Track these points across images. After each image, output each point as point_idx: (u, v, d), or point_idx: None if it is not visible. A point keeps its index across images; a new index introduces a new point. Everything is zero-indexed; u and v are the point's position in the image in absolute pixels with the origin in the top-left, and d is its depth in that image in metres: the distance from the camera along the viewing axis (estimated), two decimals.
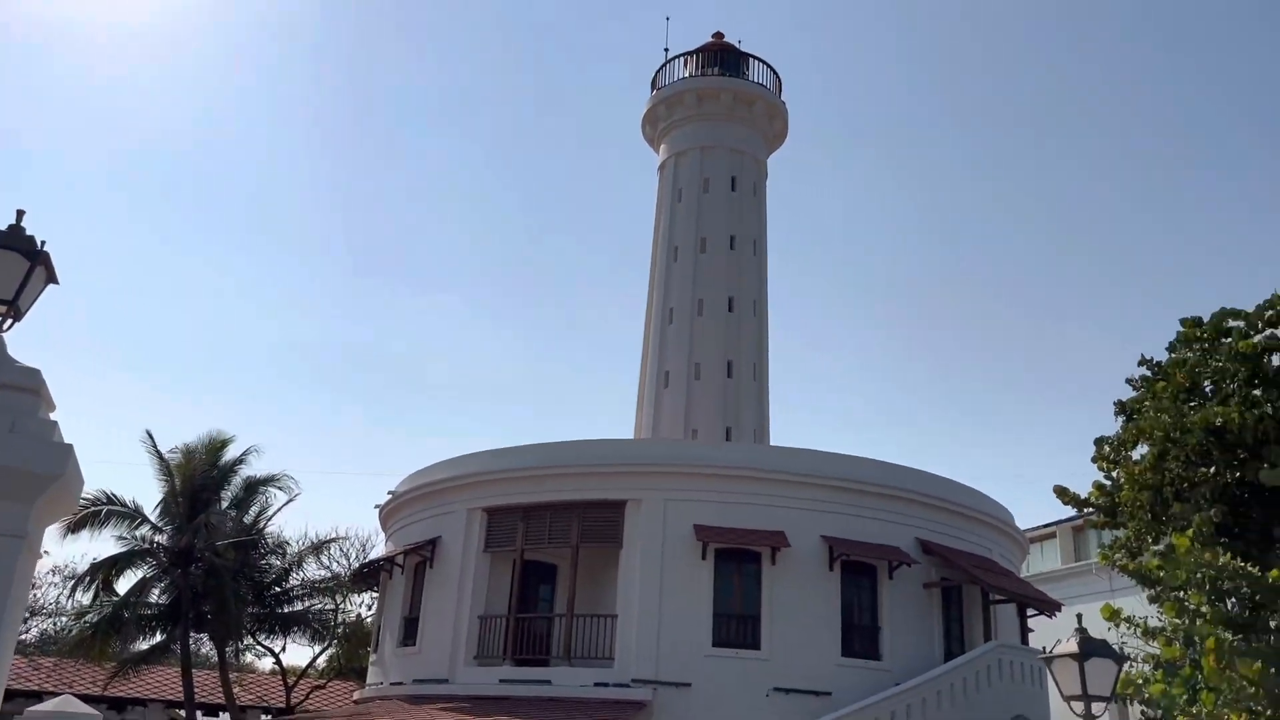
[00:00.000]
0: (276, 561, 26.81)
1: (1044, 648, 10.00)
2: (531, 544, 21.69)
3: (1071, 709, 7.65)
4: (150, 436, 24.23)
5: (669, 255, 30.36)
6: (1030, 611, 23.71)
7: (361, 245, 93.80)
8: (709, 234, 30.07)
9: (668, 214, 31.04)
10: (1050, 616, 23.27)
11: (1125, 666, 13.66)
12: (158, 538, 23.99)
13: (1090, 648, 7.51)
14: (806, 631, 20.08)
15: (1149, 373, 14.40)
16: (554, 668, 20.47)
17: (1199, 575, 12.02)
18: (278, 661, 28.65)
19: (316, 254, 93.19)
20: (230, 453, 25.07)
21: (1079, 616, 8.54)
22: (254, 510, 26.03)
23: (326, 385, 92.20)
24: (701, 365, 28.84)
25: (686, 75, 32.29)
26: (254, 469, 25.65)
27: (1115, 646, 13.96)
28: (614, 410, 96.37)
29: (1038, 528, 38.72)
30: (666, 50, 33.33)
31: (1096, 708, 7.65)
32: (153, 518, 24.09)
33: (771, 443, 28.88)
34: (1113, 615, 13.46)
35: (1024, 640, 23.17)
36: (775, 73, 33.19)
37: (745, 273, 30.09)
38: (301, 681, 29.38)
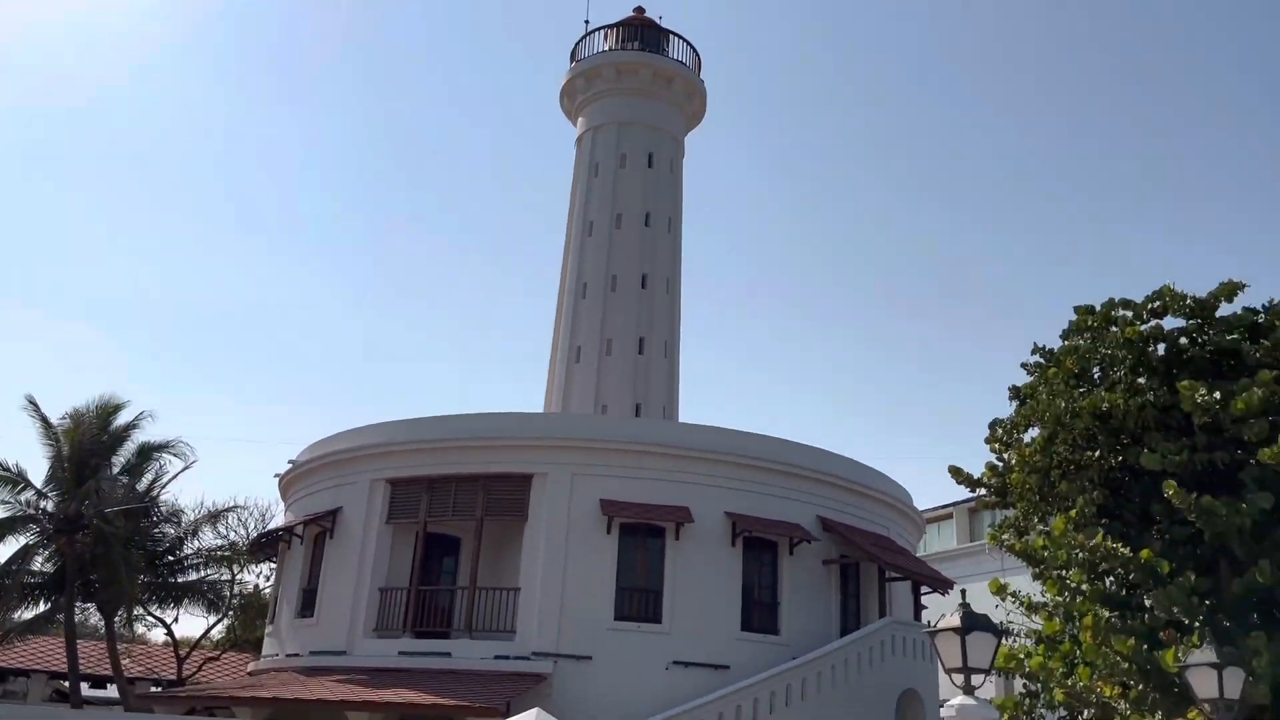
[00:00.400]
0: (170, 530, 25.97)
1: (928, 622, 10.28)
2: (435, 516, 21.49)
3: (952, 681, 7.87)
4: (33, 402, 23.22)
5: (584, 230, 30.22)
6: (924, 589, 24.38)
7: (268, 209, 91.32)
8: (624, 210, 30.01)
9: (584, 188, 30.87)
10: (943, 594, 23.95)
11: (1009, 641, 14.23)
12: (43, 504, 23.05)
13: (971, 622, 7.73)
14: (707, 606, 20.33)
15: (1042, 359, 14.87)
16: (455, 640, 20.36)
17: (1079, 555, 12.50)
18: (169, 632, 27.83)
19: (217, 216, 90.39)
20: (122, 418, 24.17)
21: (963, 592, 8.79)
22: (147, 478, 25.18)
23: (229, 352, 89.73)
24: (613, 341, 28.83)
25: (606, 49, 32.08)
26: (149, 435, 24.80)
27: (1002, 622, 14.52)
28: (525, 385, 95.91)
29: (936, 508, 39.84)
30: (587, 22, 33.07)
31: (976, 679, 7.88)
32: (38, 484, 23.13)
33: (681, 419, 29.08)
34: (999, 591, 13.96)
35: (917, 617, 23.83)
36: (695, 51, 33.19)
37: (659, 250, 30.13)
38: (194, 653, 28.65)
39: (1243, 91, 79.93)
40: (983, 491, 15.49)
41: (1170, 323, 14.24)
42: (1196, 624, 11.76)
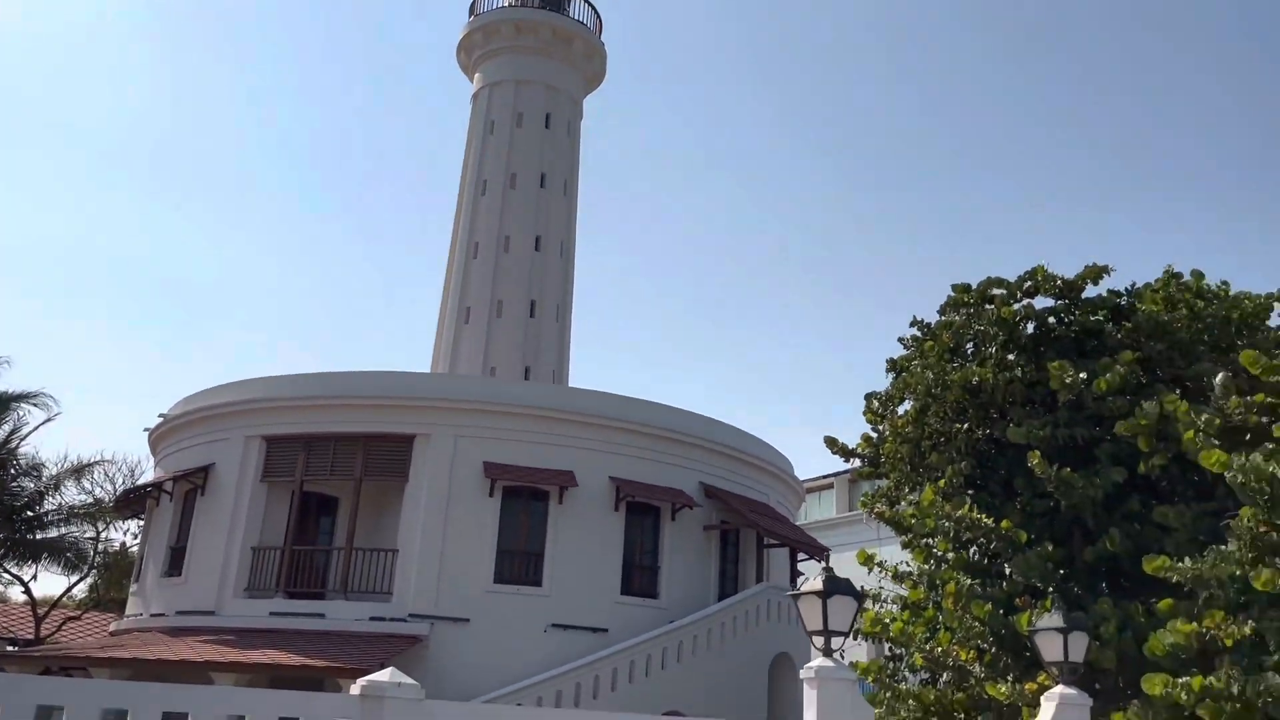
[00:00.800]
0: (30, 484, 24.85)
1: (791, 585, 10.47)
2: (313, 475, 21.00)
3: (814, 643, 8.03)
4: None
5: (477, 189, 29.73)
6: (801, 556, 24.98)
7: (149, 156, 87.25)
8: (520, 170, 29.61)
9: (478, 146, 30.33)
10: (819, 560, 24.51)
11: (877, 607, 14.63)
12: None
13: (834, 586, 7.90)
14: (588, 570, 20.41)
15: (919, 333, 15.24)
16: (329, 601, 19.99)
17: (945, 524, 12.89)
18: (27, 591, 26.64)
19: (86, 158, 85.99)
20: None
21: (826, 556, 8.98)
22: (5, 429, 23.98)
23: (99, 301, 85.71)
24: (504, 303, 28.52)
25: (506, 4, 31.47)
26: (7, 384, 23.58)
27: (872, 589, 14.93)
28: (413, 345, 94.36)
29: (817, 478, 40.81)
30: None
31: (841, 642, 8.06)
32: None
33: (572, 384, 29.01)
34: (867, 560, 14.29)
35: (793, 583, 24.39)
36: (597, 12, 32.83)
37: (554, 212, 29.86)
38: (55, 612, 27.49)
39: (1169, 64, 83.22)
40: (857, 462, 15.84)
41: (1041, 302, 14.75)
42: (1050, 591, 12.26)
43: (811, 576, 8.15)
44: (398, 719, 5.90)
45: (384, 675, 5.99)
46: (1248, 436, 11.28)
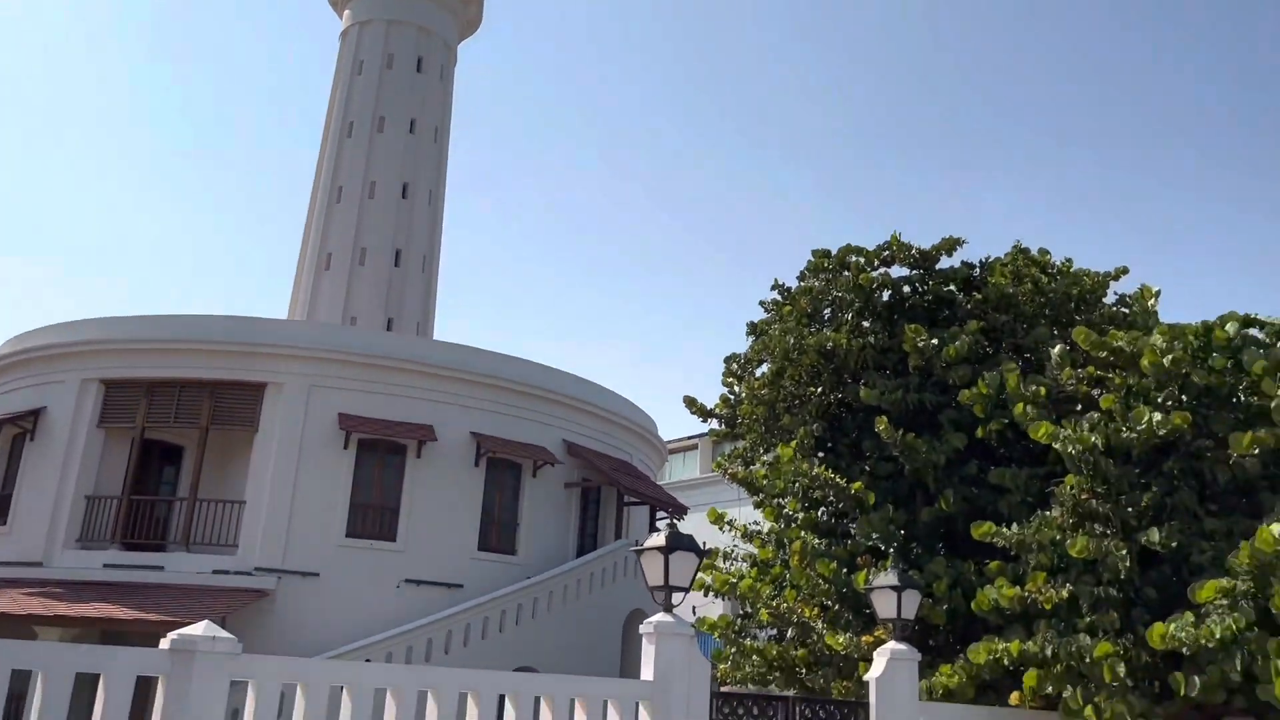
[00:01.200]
0: None
1: (636, 541, 10.52)
2: (155, 422, 20.01)
3: (654, 598, 8.05)
4: None
5: (343, 130, 28.64)
6: (661, 514, 25.24)
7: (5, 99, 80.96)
8: (389, 114, 28.65)
9: (345, 86, 29.19)
10: (679, 519, 24.89)
11: (728, 565, 14.89)
12: None
13: (676, 542, 7.92)
14: (445, 525, 20.13)
15: (779, 297, 15.44)
16: (169, 553, 19.18)
17: (796, 484, 13.16)
18: None
19: None
20: None
21: (672, 514, 8.99)
22: None
23: None
24: (368, 251, 27.69)
25: None
26: None
27: (729, 549, 15.17)
28: (273, 292, 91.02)
29: (683, 439, 41.34)
30: None
31: (680, 598, 8.10)
32: None
33: (437, 338, 28.44)
34: (718, 519, 14.52)
35: None
36: None
37: (423, 159, 29.03)
38: None
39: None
40: (714, 423, 16.00)
41: (898, 272, 15.12)
42: (891, 550, 12.70)
43: (655, 533, 8.14)
44: (209, 674, 5.63)
45: (197, 629, 5.69)
46: (1079, 407, 11.85)
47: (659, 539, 7.97)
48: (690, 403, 15.71)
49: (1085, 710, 9.35)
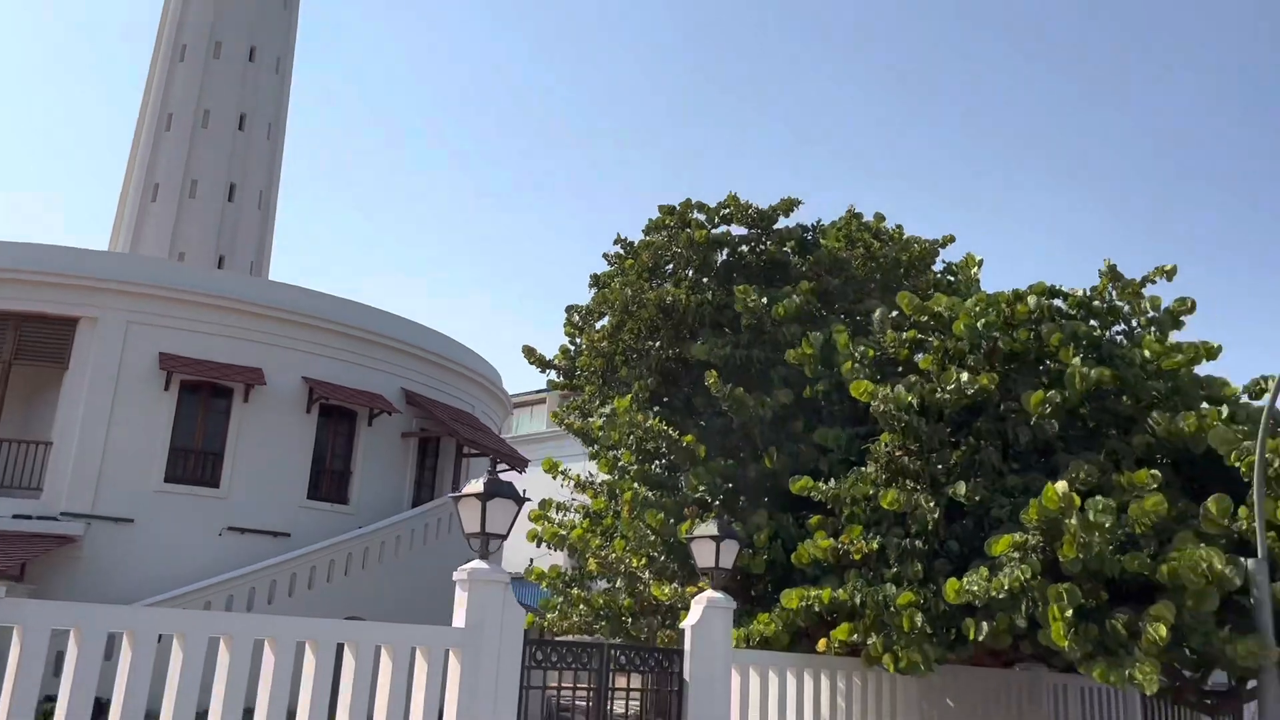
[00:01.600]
0: None
1: (455, 488, 10.37)
2: None
3: (470, 545, 7.94)
4: None
5: (175, 53, 26.89)
6: (503, 467, 25.06)
7: None
8: (226, 38, 27.05)
9: (178, 6, 27.36)
10: (520, 472, 24.77)
11: (562, 516, 14.90)
12: None
13: (495, 489, 7.81)
14: (273, 473, 19.45)
15: (622, 251, 15.43)
16: None
17: (630, 437, 13.23)
18: None
19: None
20: None
21: (493, 462, 8.88)
22: None
23: None
24: (199, 184, 26.22)
25: None
26: None
27: (568, 501, 15.16)
28: (95, 224, 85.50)
29: (530, 392, 41.18)
30: None
31: (496, 545, 8.01)
32: None
33: (272, 279, 27.27)
34: (552, 468, 14.49)
35: None
36: None
37: (263, 89, 27.59)
38: None
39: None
40: (553, 374, 15.93)
41: (738, 230, 15.29)
42: (717, 502, 12.96)
43: (476, 480, 8.02)
44: None
45: None
46: (900, 369, 12.29)
47: (477, 486, 7.85)
48: (529, 353, 15.58)
49: (884, 657, 9.79)
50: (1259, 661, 8.87)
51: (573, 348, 15.53)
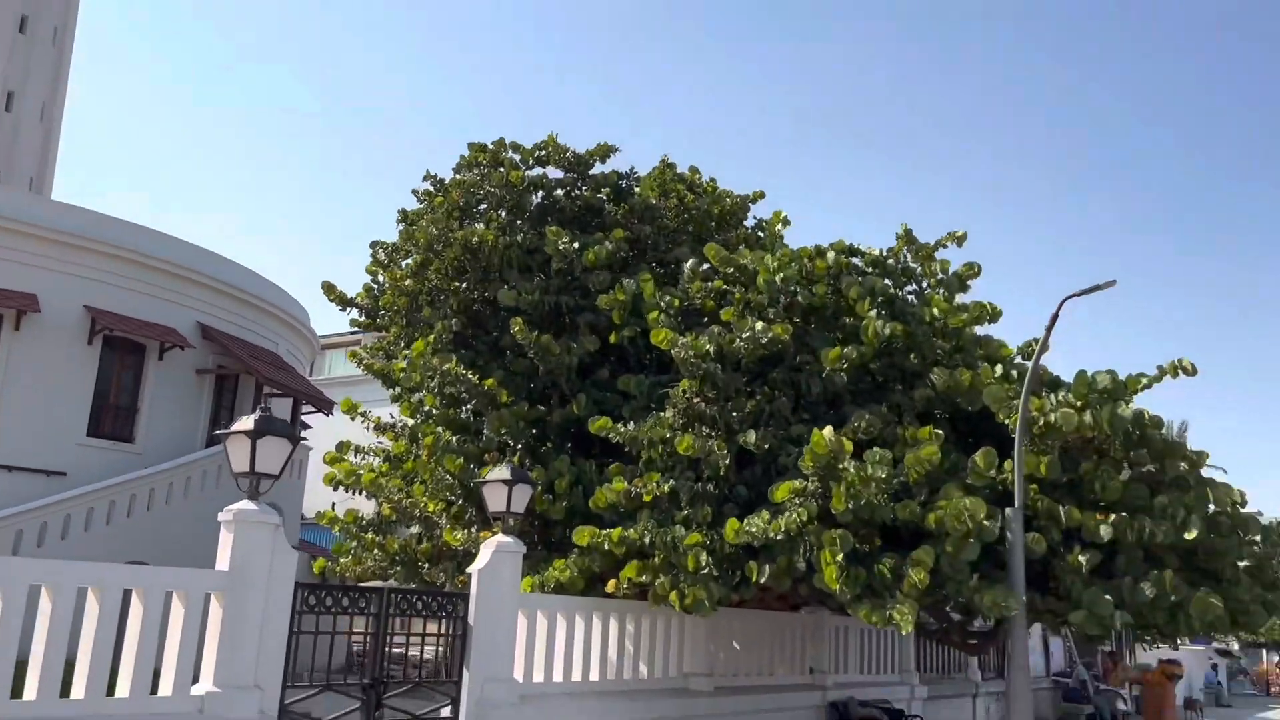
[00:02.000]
0: None
1: (222, 424, 9.84)
2: None
3: (238, 485, 7.51)
4: None
5: None
6: (309, 408, 24.14)
7: None
8: None
9: None
10: (327, 414, 23.93)
11: (360, 459, 14.41)
12: None
13: (266, 426, 7.39)
14: (47, 407, 18.04)
15: (432, 187, 14.91)
16: None
17: (433, 380, 12.88)
18: None
19: None
20: None
21: (266, 397, 8.43)
22: None
23: None
24: None
25: None
26: None
27: (373, 444, 14.65)
28: None
29: (348, 333, 39.73)
30: None
31: (268, 485, 7.59)
32: None
33: (55, 199, 25.12)
34: (351, 409, 14.01)
35: None
36: None
37: None
38: None
39: None
40: (355, 312, 15.33)
41: (554, 173, 15.04)
42: (520, 447, 12.82)
43: (246, 417, 7.56)
44: None
45: None
46: (705, 320, 12.42)
47: (246, 422, 7.41)
48: (328, 289, 14.92)
49: (670, 595, 9.95)
50: (1003, 612, 9.46)
51: (376, 286, 14.96)
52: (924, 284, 13.40)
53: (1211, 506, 10.23)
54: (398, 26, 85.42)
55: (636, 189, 14.91)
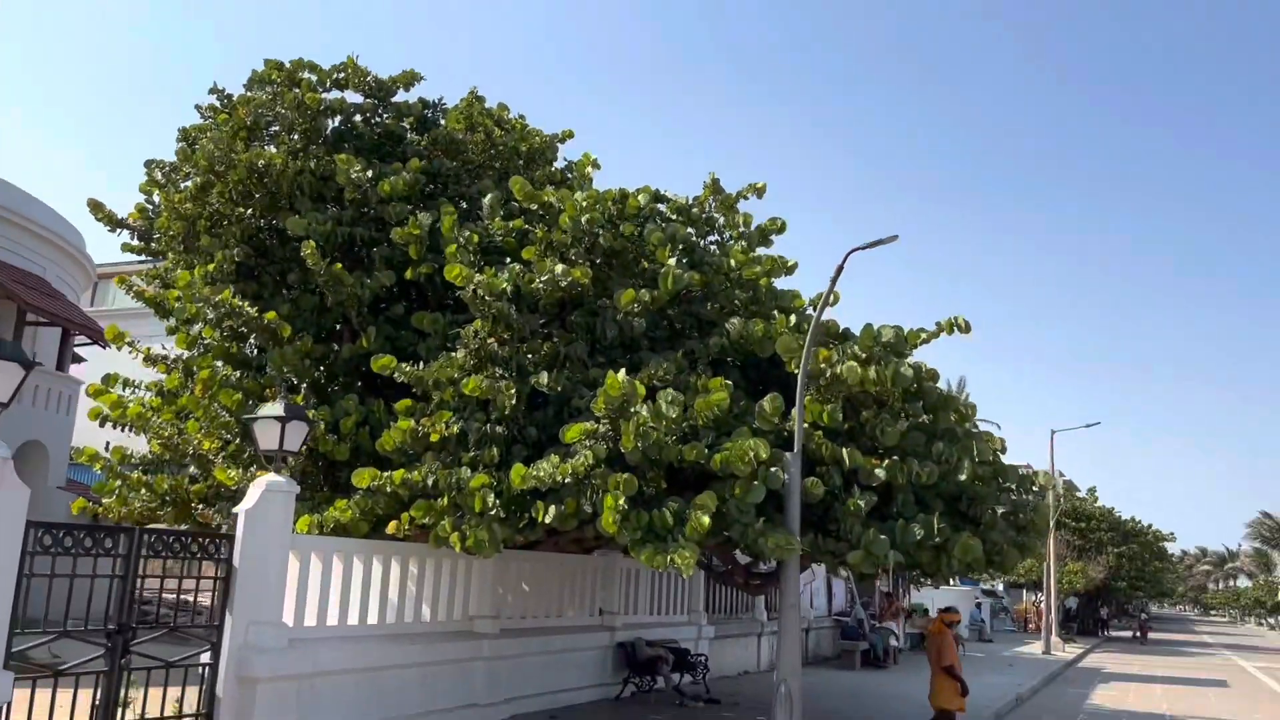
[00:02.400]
0: None
1: (63, 369, 8.84)
2: None
3: None
4: None
5: None
6: (82, 340, 22.33)
7: None
8: None
9: None
10: (102, 346, 22.18)
11: (128, 392, 13.31)
12: None
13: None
14: None
15: (218, 104, 13.81)
16: None
17: (210, 312, 12.03)
18: None
19: None
20: None
21: (27, 325, 7.56)
22: None
23: None
24: None
25: None
26: None
27: (148, 380, 13.53)
28: None
29: (133, 262, 36.96)
30: None
31: None
32: None
33: None
34: (117, 337, 12.95)
35: (62, 367, 21.79)
36: None
37: None
38: None
39: None
40: (128, 235, 14.13)
41: (354, 98, 14.23)
42: (305, 385, 12.18)
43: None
44: None
45: None
46: (507, 259, 12.07)
47: None
48: (95, 208, 13.68)
49: (452, 536, 9.70)
50: (785, 554, 9.73)
51: (150, 207, 13.81)
52: (726, 235, 13.52)
53: (976, 456, 10.80)
54: None
55: (442, 120, 14.32)
